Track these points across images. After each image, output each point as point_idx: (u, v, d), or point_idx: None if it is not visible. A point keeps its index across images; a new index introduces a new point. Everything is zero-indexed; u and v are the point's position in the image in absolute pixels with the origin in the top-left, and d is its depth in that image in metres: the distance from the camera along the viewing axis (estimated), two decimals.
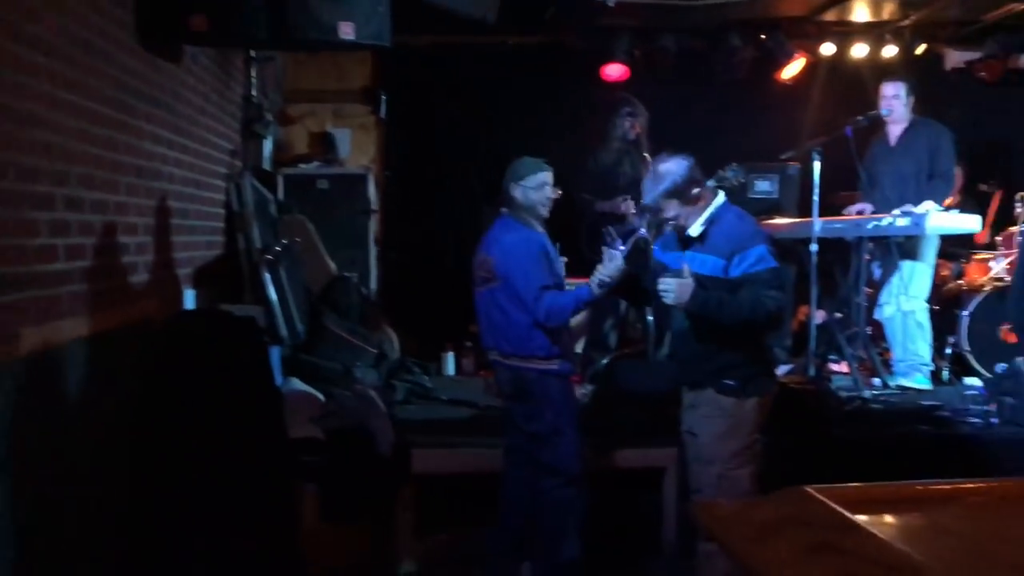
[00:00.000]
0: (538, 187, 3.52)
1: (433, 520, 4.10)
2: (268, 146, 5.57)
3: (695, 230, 3.23)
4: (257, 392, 3.35)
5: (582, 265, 4.33)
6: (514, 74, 6.62)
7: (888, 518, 1.01)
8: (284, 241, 4.83)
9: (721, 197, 3.29)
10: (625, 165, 5.44)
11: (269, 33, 3.42)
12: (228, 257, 4.68)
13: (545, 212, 3.56)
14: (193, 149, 4.22)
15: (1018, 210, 5.79)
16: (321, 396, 4.30)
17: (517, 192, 3.53)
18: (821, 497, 1.02)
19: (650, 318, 5.29)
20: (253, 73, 5.04)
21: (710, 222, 3.23)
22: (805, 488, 1.06)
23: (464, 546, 4.11)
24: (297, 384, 4.34)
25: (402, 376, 5.04)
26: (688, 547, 3.77)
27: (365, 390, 4.18)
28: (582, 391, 4.97)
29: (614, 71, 6.56)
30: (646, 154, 5.06)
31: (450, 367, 5.92)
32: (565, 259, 3.98)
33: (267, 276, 4.26)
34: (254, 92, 5.07)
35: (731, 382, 3.21)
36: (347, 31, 3.41)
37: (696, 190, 3.22)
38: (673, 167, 3.24)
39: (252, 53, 5.01)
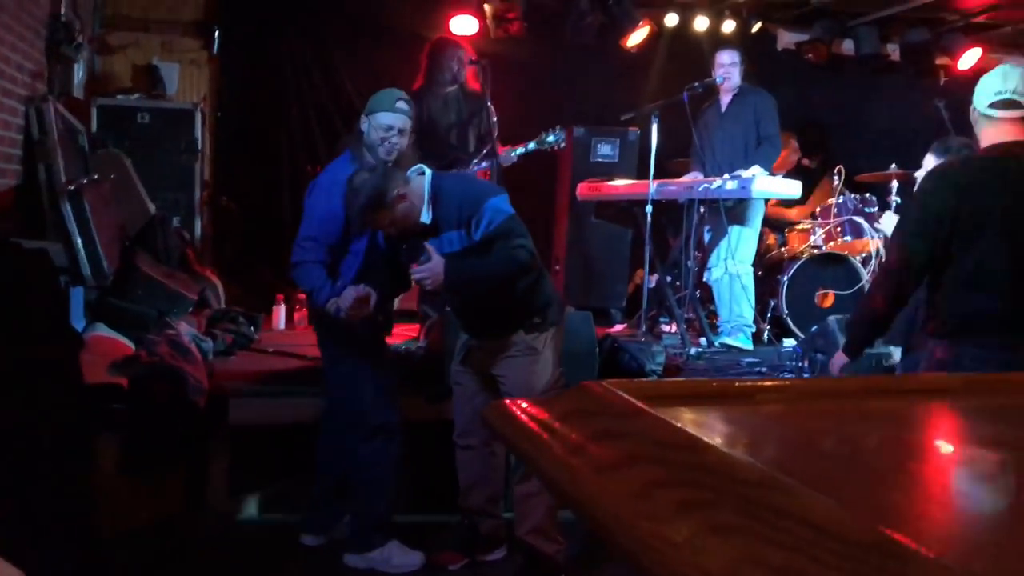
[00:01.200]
0: (381, 127, 3.29)
1: (251, 474, 3.90)
2: (80, 72, 5.09)
3: (426, 217, 3.09)
4: (46, 332, 3.05)
5: None
6: (360, 19, 6.37)
7: (682, 411, 0.96)
8: (95, 176, 4.44)
9: (429, 173, 3.14)
10: (451, 112, 5.20)
11: None
12: (28, 190, 4.25)
13: (387, 156, 3.29)
14: None
15: (836, 183, 6.11)
16: (130, 343, 3.99)
17: (363, 126, 3.34)
18: (612, 389, 0.95)
19: None
20: None
21: (433, 201, 3.09)
22: (595, 383, 0.99)
23: (281, 499, 3.93)
24: (102, 329, 4.00)
25: (225, 326, 4.76)
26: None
27: (178, 336, 3.91)
28: (419, 345, 4.88)
29: (463, 23, 6.42)
30: (489, 103, 4.91)
31: (281, 320, 5.67)
32: None
33: (69, 210, 3.89)
34: (63, 10, 4.60)
35: (537, 319, 3.21)
36: None
37: (396, 192, 3.03)
38: (363, 180, 3.05)
39: None
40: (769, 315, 5.75)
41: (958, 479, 0.92)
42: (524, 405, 1.06)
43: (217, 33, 6.08)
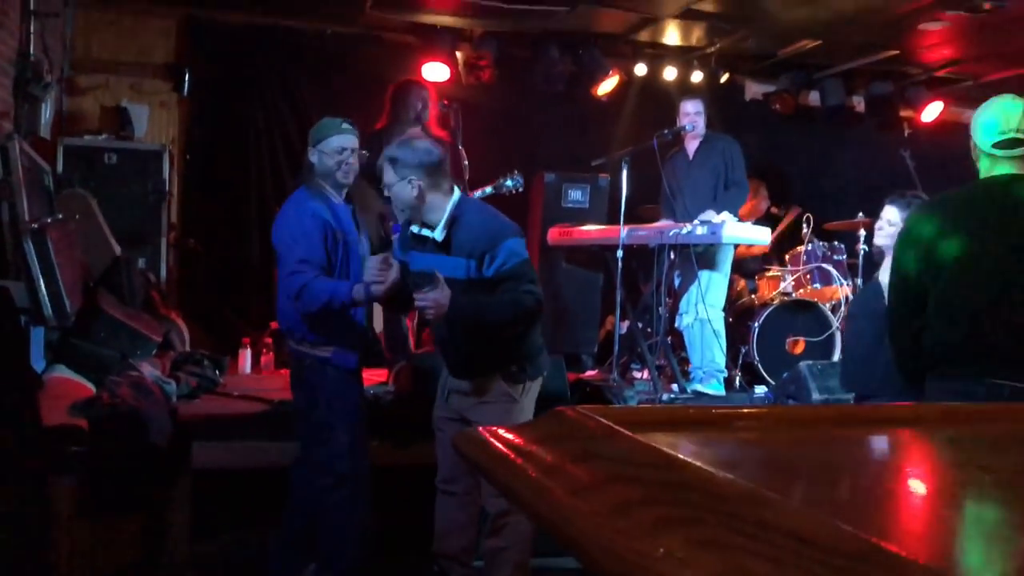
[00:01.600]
0: (334, 151, 3.27)
1: (214, 518, 3.79)
2: (47, 112, 5.05)
3: (439, 234, 3.09)
4: (3, 373, 2.96)
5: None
6: (332, 64, 6.40)
7: (658, 436, 0.93)
8: (59, 215, 4.36)
9: (457, 194, 3.15)
10: None
11: None
12: None
13: (345, 179, 3.30)
14: None
15: (804, 231, 6.19)
16: (91, 384, 3.89)
17: (314, 157, 3.30)
18: (588, 413, 0.93)
19: None
20: (32, 28, 4.54)
21: (451, 223, 3.09)
22: (569, 408, 0.96)
23: (245, 548, 3.81)
24: (63, 370, 3.90)
25: (189, 368, 4.66)
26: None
27: (140, 377, 3.81)
28: (387, 390, 4.82)
29: (435, 70, 6.47)
30: (460, 146, 4.94)
31: (247, 363, 5.57)
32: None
33: (32, 249, 3.80)
34: (32, 50, 4.57)
35: (515, 368, 3.17)
36: None
37: (440, 180, 3.08)
38: (427, 144, 3.13)
39: (32, 7, 4.52)
40: (740, 361, 5.76)
41: (936, 497, 0.90)
42: (497, 431, 1.03)
43: (187, 75, 6.07)
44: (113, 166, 5.38)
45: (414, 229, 3.20)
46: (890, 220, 3.61)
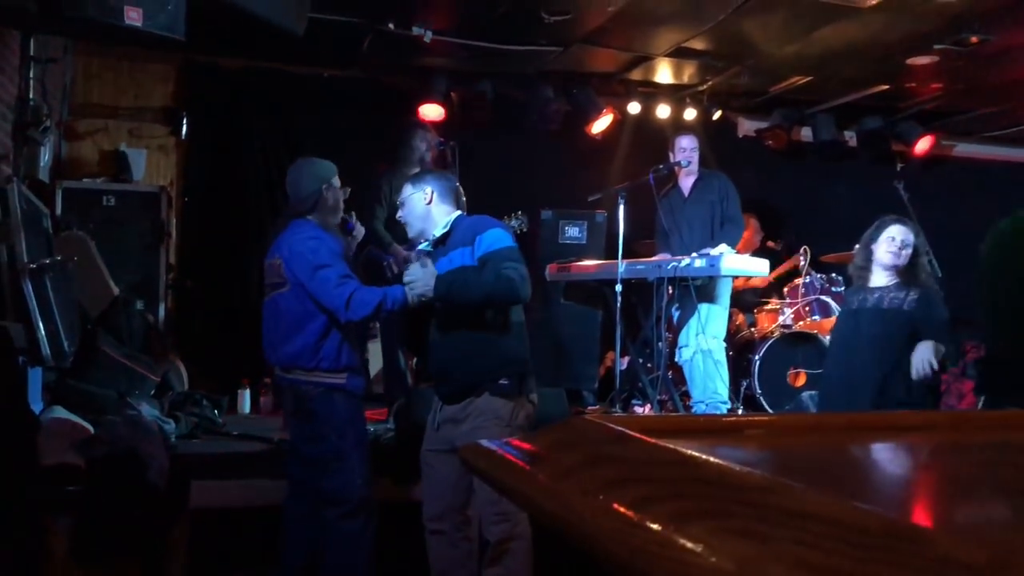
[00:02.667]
0: (338, 188, 3.45)
1: (212, 559, 3.73)
2: (46, 156, 5.07)
3: (438, 231, 3.30)
4: (1, 413, 2.94)
5: None
6: (329, 107, 6.45)
7: (667, 441, 0.92)
8: (57, 257, 4.36)
9: (455, 214, 3.36)
10: None
11: (39, 6, 3.07)
12: None
13: (339, 215, 3.49)
14: None
15: (801, 263, 6.21)
16: (89, 426, 3.85)
17: (328, 193, 3.40)
18: (598, 421, 0.92)
19: None
20: (32, 73, 4.58)
21: (450, 226, 3.30)
22: (578, 417, 0.95)
23: None
24: (60, 412, 3.87)
25: (188, 409, 4.62)
26: None
27: (139, 416, 3.78)
28: (387, 427, 4.78)
29: (431, 111, 6.54)
30: (458, 184, 4.95)
31: (246, 404, 5.53)
32: None
33: (30, 289, 3.80)
34: (31, 94, 4.60)
35: (506, 381, 3.14)
36: (134, 17, 3.12)
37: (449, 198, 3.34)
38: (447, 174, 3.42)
39: (32, 52, 4.57)
40: (742, 395, 5.74)
41: (953, 487, 0.88)
42: (505, 441, 1.02)
43: (185, 119, 6.12)
44: (111, 208, 5.39)
45: (424, 247, 3.41)
46: (904, 241, 3.64)
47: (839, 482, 0.90)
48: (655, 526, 0.74)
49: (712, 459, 0.83)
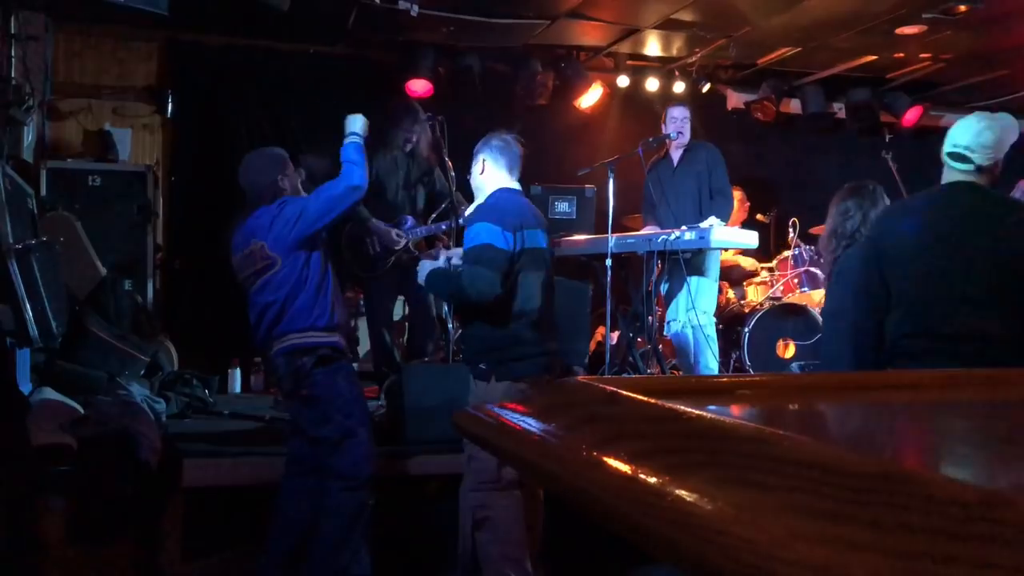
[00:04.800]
0: (293, 171, 3.54)
1: (206, 538, 3.72)
2: (30, 136, 5.02)
3: (477, 202, 3.37)
4: None
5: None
6: (315, 83, 6.40)
7: (663, 402, 0.92)
8: (43, 238, 4.33)
9: (504, 184, 3.35)
10: (398, 176, 5.23)
11: None
12: None
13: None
14: None
15: (791, 235, 6.21)
16: (78, 407, 3.83)
17: (286, 182, 3.47)
18: (591, 383, 0.92)
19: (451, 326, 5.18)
20: (12, 52, 4.52)
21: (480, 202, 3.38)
22: (571, 379, 0.95)
23: (238, 567, 3.75)
24: (50, 393, 3.85)
25: (179, 389, 4.61)
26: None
27: (129, 396, 3.77)
28: (378, 403, 4.78)
29: (418, 87, 6.49)
30: (447, 159, 4.92)
31: (236, 384, 5.53)
32: None
33: (16, 270, 3.76)
34: (13, 74, 4.55)
35: (483, 365, 3.22)
36: None
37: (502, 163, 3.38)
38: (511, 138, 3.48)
39: (12, 30, 4.51)
40: (732, 366, 5.75)
41: (945, 438, 0.89)
42: (500, 404, 1.02)
43: (171, 97, 6.06)
44: (97, 188, 5.34)
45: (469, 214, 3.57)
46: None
47: (833, 435, 0.90)
48: (652, 479, 0.74)
49: (705, 414, 0.83)
